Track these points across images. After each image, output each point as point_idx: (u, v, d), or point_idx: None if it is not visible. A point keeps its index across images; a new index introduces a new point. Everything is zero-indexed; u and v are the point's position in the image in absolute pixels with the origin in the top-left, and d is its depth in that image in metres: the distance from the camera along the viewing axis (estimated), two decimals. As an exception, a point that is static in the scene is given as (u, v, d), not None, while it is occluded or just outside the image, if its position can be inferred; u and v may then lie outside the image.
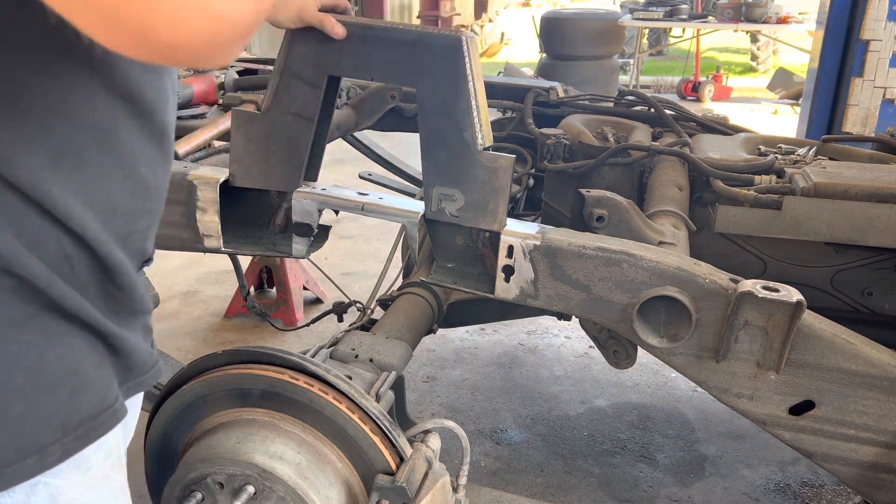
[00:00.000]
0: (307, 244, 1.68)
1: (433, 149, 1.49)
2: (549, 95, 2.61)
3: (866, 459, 1.48)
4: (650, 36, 12.04)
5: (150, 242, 0.95)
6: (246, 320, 3.69)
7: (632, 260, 1.47)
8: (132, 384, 0.90)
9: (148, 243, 0.94)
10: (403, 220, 1.56)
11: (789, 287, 1.40)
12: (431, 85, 1.44)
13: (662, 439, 2.80)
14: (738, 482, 2.57)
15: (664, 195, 1.93)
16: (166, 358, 2.07)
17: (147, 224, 0.91)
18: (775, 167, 1.98)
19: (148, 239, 0.93)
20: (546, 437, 2.80)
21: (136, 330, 0.91)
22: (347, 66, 1.50)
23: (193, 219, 1.66)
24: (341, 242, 4.64)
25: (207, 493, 1.33)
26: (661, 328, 1.51)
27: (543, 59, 8.64)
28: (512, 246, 1.52)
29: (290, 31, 1.49)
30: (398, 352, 1.66)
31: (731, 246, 2.06)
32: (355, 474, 1.35)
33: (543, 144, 2.17)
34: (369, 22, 1.49)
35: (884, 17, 4.48)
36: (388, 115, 2.65)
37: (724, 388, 1.50)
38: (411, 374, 3.19)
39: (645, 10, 8.95)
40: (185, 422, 1.44)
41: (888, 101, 4.63)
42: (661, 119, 2.40)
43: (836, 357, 1.42)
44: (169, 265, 4.31)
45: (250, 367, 1.37)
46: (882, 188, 1.78)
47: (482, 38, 13.93)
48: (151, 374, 0.94)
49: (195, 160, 2.01)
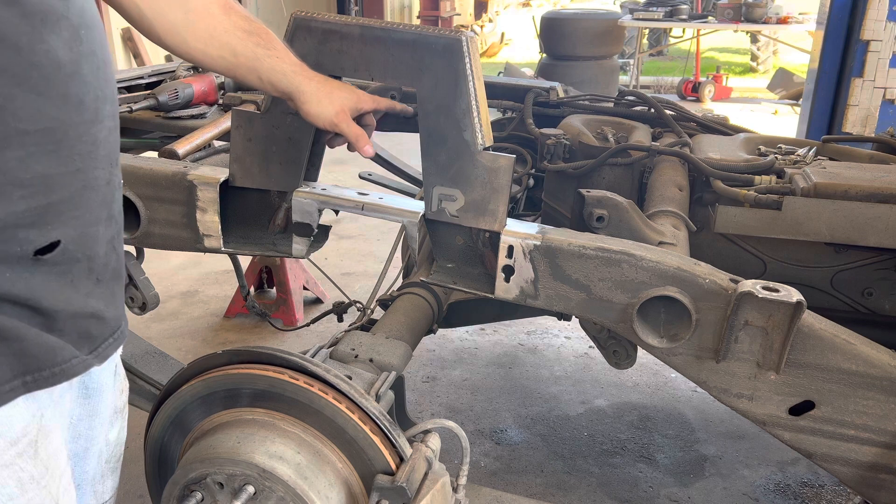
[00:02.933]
0: (307, 244, 1.68)
1: (433, 149, 1.49)
2: (549, 95, 2.60)
3: (866, 460, 1.47)
4: (650, 36, 12.04)
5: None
6: (246, 320, 3.69)
7: (632, 260, 1.47)
8: (34, 377, 0.88)
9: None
10: (403, 220, 1.56)
11: (789, 287, 1.40)
12: (431, 85, 1.44)
13: (662, 439, 2.79)
14: (738, 482, 2.57)
15: (664, 195, 1.93)
16: (166, 358, 2.07)
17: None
18: (775, 167, 1.98)
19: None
20: (546, 438, 2.80)
21: (33, 314, 0.87)
22: (347, 66, 1.50)
23: (193, 219, 1.66)
24: (341, 242, 4.64)
25: (207, 493, 1.33)
26: (661, 328, 1.51)
27: (543, 59, 8.65)
28: (512, 246, 1.52)
29: (290, 30, 1.49)
30: (398, 352, 1.66)
31: (731, 246, 2.06)
32: (355, 474, 1.35)
33: (543, 144, 2.16)
34: (369, 22, 1.49)
35: (884, 17, 4.48)
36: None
37: (723, 388, 1.50)
38: (411, 374, 3.19)
39: (645, 10, 8.95)
40: (184, 422, 1.44)
41: (888, 101, 4.63)
42: (661, 119, 2.40)
43: (836, 357, 1.42)
44: (169, 265, 4.31)
45: (250, 367, 1.37)
46: (882, 188, 1.78)
47: (482, 38, 13.92)
48: (66, 369, 0.91)
49: (195, 160, 2.01)
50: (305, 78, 1.32)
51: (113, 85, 0.96)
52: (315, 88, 1.33)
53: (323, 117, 1.34)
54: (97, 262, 0.96)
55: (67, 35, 0.85)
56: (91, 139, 0.90)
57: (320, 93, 1.33)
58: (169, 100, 2.42)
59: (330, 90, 1.35)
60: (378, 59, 1.46)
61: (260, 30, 1.26)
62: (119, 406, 1.16)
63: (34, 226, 0.84)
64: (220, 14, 1.21)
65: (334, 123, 1.35)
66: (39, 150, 0.83)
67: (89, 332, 0.96)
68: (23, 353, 0.86)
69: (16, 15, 0.78)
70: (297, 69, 1.31)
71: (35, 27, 0.80)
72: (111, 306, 1.01)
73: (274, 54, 1.27)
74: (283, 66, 1.29)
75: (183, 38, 1.19)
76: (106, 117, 0.93)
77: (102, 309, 0.98)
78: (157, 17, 1.16)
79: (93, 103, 0.89)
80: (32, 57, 0.80)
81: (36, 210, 0.84)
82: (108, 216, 0.98)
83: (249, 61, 1.25)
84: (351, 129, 1.37)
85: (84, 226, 0.92)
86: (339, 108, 1.35)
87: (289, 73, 1.29)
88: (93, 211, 0.94)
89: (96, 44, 0.90)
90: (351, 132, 1.37)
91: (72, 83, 0.86)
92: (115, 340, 1.03)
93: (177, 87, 2.46)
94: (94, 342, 0.97)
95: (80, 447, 1.08)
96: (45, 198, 0.85)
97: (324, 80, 1.35)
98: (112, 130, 0.96)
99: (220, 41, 1.21)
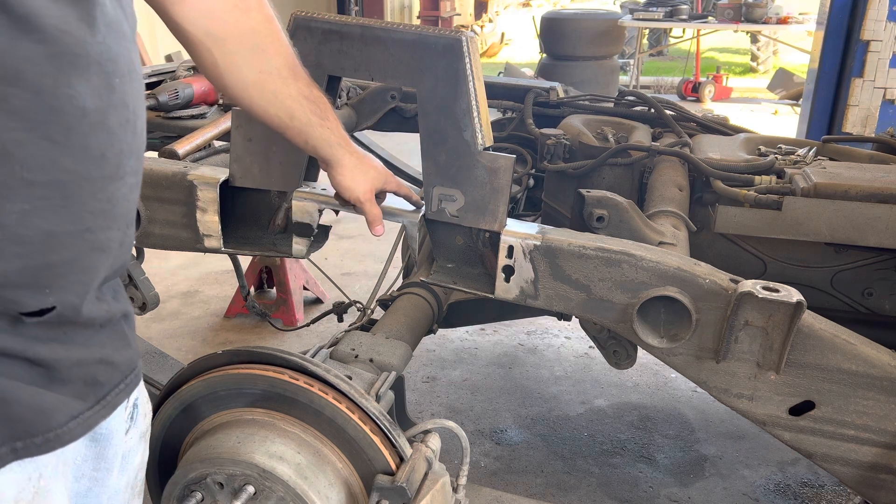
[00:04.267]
0: (307, 244, 1.68)
1: (433, 149, 1.49)
2: (550, 96, 2.61)
3: (866, 460, 1.47)
4: (650, 36, 12.03)
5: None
6: (246, 320, 3.69)
7: (632, 260, 1.47)
8: (24, 444, 0.80)
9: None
10: (403, 220, 1.56)
11: (789, 287, 1.40)
12: (431, 85, 1.44)
13: (662, 439, 2.79)
14: (738, 482, 2.57)
15: (664, 195, 1.93)
16: (166, 358, 2.07)
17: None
18: (775, 167, 1.98)
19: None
20: (546, 438, 2.80)
21: (30, 367, 0.79)
22: (347, 66, 1.50)
23: (193, 219, 1.66)
24: (341, 242, 4.64)
25: (207, 493, 1.33)
26: (661, 328, 1.51)
27: (543, 59, 8.64)
28: (512, 246, 1.52)
29: (290, 30, 1.49)
30: (398, 352, 1.66)
31: (731, 246, 2.06)
32: (355, 474, 1.35)
33: (543, 145, 2.16)
34: (369, 22, 1.49)
35: (884, 17, 4.48)
36: (388, 115, 2.65)
37: (724, 388, 1.50)
38: (411, 374, 3.19)
39: (645, 10, 8.95)
40: (185, 422, 1.44)
41: (888, 101, 4.63)
42: (661, 119, 2.40)
43: (836, 357, 1.42)
44: (169, 265, 4.31)
45: (250, 367, 1.37)
46: (882, 188, 1.78)
47: (482, 38, 13.92)
48: (61, 434, 0.82)
49: (195, 160, 2.01)
50: (347, 151, 1.36)
51: (142, 140, 0.90)
52: (353, 164, 1.37)
53: (353, 192, 1.39)
54: (98, 319, 0.88)
55: (98, 82, 0.78)
56: (107, 196, 0.82)
57: (357, 169, 1.38)
58: (169, 100, 2.42)
59: (366, 168, 1.39)
60: (378, 59, 1.46)
61: (319, 98, 1.29)
62: (142, 431, 1.07)
63: (26, 287, 0.77)
64: (289, 78, 1.23)
65: (361, 201, 1.40)
66: (46, 205, 0.75)
67: (96, 378, 0.88)
68: (11, 417, 0.78)
69: (42, 55, 0.72)
70: (342, 142, 1.35)
71: (62, 69, 0.74)
72: (122, 349, 0.93)
73: (326, 125, 1.30)
74: (330, 137, 1.32)
75: (250, 94, 1.21)
76: (128, 174, 0.86)
77: (111, 353, 0.90)
78: (230, 72, 1.17)
79: (115, 158, 0.82)
80: (54, 102, 0.74)
81: (31, 270, 0.76)
82: (115, 276, 0.91)
83: (304, 126, 1.28)
84: (373, 210, 1.42)
85: (86, 292, 0.84)
86: (368, 187, 1.39)
87: (334, 144, 1.33)
88: (100, 276, 0.85)
89: (130, 95, 0.84)
90: (371, 212, 1.42)
91: (95, 134, 0.79)
92: (127, 386, 0.95)
93: (177, 87, 2.46)
94: (101, 390, 0.89)
95: (83, 486, 0.97)
96: (43, 257, 0.77)
97: (361, 156, 1.39)
98: (133, 188, 0.89)
99: (283, 104, 1.24)
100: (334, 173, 1.38)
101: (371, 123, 2.67)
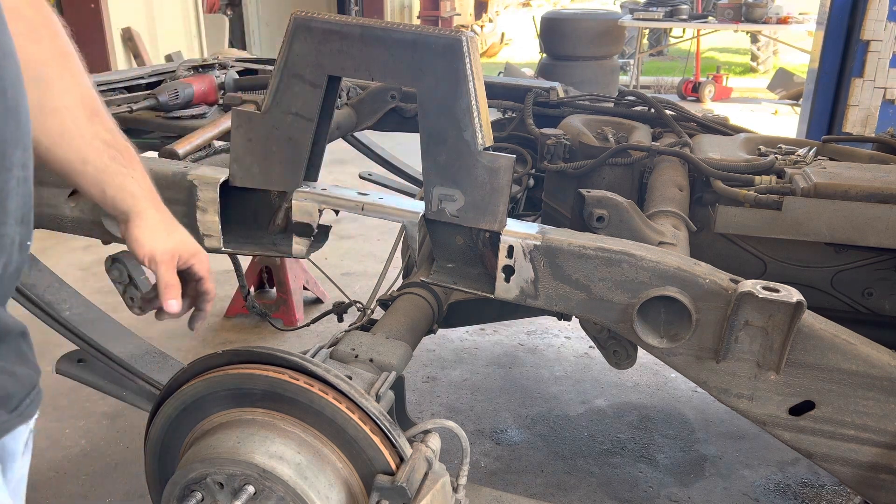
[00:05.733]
0: (307, 244, 1.68)
1: (433, 149, 1.49)
2: (550, 96, 2.61)
3: (866, 460, 1.47)
4: (650, 36, 12.04)
5: None
6: (246, 320, 3.69)
7: (632, 260, 1.47)
8: None
9: None
10: (403, 220, 1.56)
11: (789, 287, 1.40)
12: (431, 85, 1.44)
13: (662, 439, 2.79)
14: (738, 482, 2.57)
15: (664, 195, 1.93)
16: (166, 358, 2.07)
17: None
18: (775, 167, 1.98)
19: None
20: (546, 438, 2.80)
21: None
22: (347, 66, 1.50)
23: (193, 219, 1.66)
24: (341, 242, 4.64)
25: (207, 493, 1.33)
26: (661, 328, 1.51)
27: (543, 59, 8.65)
28: (512, 246, 1.52)
29: (291, 30, 1.49)
30: (398, 352, 1.66)
31: (731, 246, 2.06)
32: (355, 474, 1.35)
33: (543, 145, 2.16)
34: (369, 22, 1.49)
35: (884, 17, 4.48)
36: (388, 115, 2.65)
37: (723, 388, 1.50)
38: (411, 374, 3.19)
39: (645, 10, 8.95)
40: (185, 422, 1.44)
41: (888, 101, 4.63)
42: (661, 119, 2.40)
43: (837, 357, 1.42)
44: (169, 265, 4.30)
45: (250, 367, 1.37)
46: (882, 188, 1.78)
47: (482, 38, 13.93)
48: None
49: (195, 160, 2.01)
50: (153, 206, 1.17)
51: (26, 128, 0.82)
52: (157, 220, 1.17)
53: (146, 249, 1.15)
54: None
55: None
56: None
57: (160, 226, 1.17)
58: (169, 100, 2.42)
59: (173, 230, 1.19)
60: (378, 59, 1.46)
61: (123, 147, 1.12)
62: (27, 466, 0.98)
63: None
64: (83, 118, 1.05)
65: (156, 261, 1.16)
66: None
67: (6, 388, 0.83)
68: None
69: None
70: (149, 195, 1.17)
71: None
72: (20, 364, 0.87)
73: (130, 174, 1.13)
74: (134, 188, 1.14)
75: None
76: (15, 166, 0.78)
77: (12, 367, 0.85)
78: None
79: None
80: None
81: None
82: (13, 281, 0.84)
83: (99, 173, 1.09)
84: (167, 274, 1.17)
85: None
86: (169, 248, 1.17)
87: (138, 196, 1.14)
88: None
89: (7, 80, 0.77)
90: (165, 276, 1.17)
91: None
92: (33, 402, 0.89)
93: (177, 87, 2.46)
94: (12, 400, 0.85)
95: None
96: None
97: (172, 219, 1.20)
98: (22, 182, 0.81)
99: (73, 145, 1.05)
100: (132, 226, 1.15)
101: (371, 123, 2.67)
